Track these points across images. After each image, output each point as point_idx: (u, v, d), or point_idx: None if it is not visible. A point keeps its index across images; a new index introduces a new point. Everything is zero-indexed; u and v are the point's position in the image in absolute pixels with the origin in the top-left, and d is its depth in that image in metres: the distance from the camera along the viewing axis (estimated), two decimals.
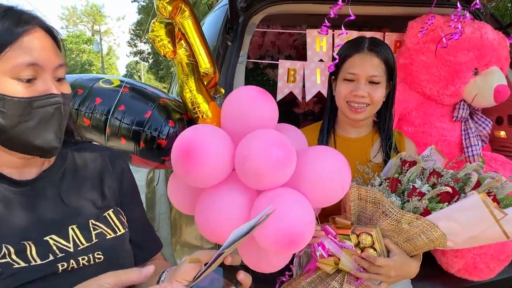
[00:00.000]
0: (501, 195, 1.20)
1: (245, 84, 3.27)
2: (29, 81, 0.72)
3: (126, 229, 0.91)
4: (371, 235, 1.16)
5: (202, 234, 1.18)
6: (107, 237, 0.85)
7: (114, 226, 0.88)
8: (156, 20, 1.20)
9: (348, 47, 1.39)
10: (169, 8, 1.26)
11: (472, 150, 1.92)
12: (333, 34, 2.09)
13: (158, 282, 0.80)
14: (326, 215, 1.34)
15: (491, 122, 2.00)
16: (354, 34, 2.12)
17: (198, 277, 0.69)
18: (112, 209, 0.89)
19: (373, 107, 1.35)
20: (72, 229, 0.80)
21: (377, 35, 2.16)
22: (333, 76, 1.43)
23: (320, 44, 2.07)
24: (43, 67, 0.73)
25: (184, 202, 1.25)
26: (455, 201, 1.14)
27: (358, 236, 1.18)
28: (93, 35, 31.97)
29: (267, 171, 1.05)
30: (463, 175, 1.24)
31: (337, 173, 1.15)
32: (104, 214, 0.87)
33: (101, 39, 29.91)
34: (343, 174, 1.17)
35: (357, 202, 1.24)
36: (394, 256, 1.16)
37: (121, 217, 0.91)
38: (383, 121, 1.44)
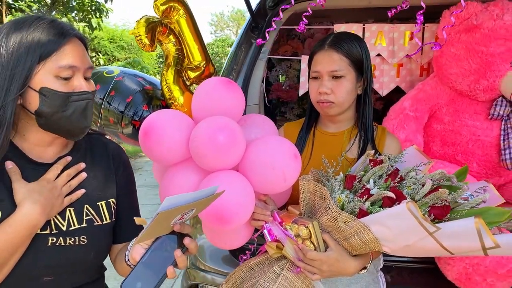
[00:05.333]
0: (463, 208, 0.97)
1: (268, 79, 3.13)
2: (66, 79, 0.81)
3: (113, 220, 0.96)
4: (307, 228, 1.06)
5: None
6: (94, 224, 0.91)
7: (103, 215, 0.93)
8: (141, 18, 1.27)
9: (314, 46, 1.27)
10: (162, 8, 1.32)
11: (509, 153, 1.53)
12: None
13: (127, 249, 0.88)
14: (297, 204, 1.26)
15: None
16: (386, 28, 1.90)
17: (143, 237, 0.76)
18: (105, 201, 0.94)
19: (339, 102, 1.20)
20: (69, 211, 0.88)
21: (415, 27, 1.87)
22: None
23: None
24: (79, 68, 0.83)
25: (159, 177, 1.32)
26: None
27: (299, 227, 1.09)
28: None
29: (209, 153, 1.05)
30: (424, 182, 1.03)
31: (279, 162, 1.07)
32: (97, 203, 0.93)
33: None
34: (285, 164, 1.08)
35: (307, 195, 1.13)
36: (329, 252, 1.04)
37: (111, 209, 0.96)
38: (359, 115, 1.27)
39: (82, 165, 0.92)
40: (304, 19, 1.61)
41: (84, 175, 0.91)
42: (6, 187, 0.80)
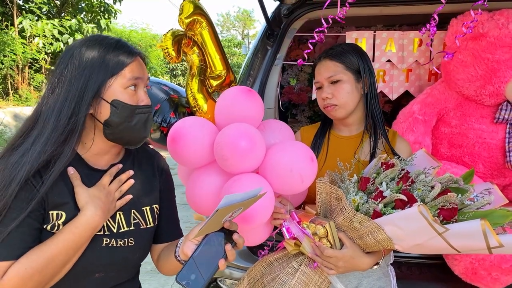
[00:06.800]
0: (470, 209, 1.05)
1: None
2: (132, 90, 0.91)
3: (155, 224, 1.04)
4: (324, 227, 1.14)
5: (189, 205, 1.32)
6: (140, 227, 0.99)
7: (147, 220, 1.01)
8: (167, 32, 1.35)
9: (314, 61, 1.38)
10: (187, 21, 1.41)
11: None
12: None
13: (177, 246, 0.95)
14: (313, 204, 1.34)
15: None
16: (396, 34, 1.96)
17: (201, 232, 0.86)
18: (149, 206, 1.02)
19: (342, 104, 1.29)
20: (119, 214, 0.95)
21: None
22: None
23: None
24: (142, 79, 0.93)
25: (184, 178, 1.40)
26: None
27: (316, 226, 1.17)
28: (243, 39, 33.63)
29: (232, 157, 1.14)
30: (433, 184, 1.10)
31: (296, 166, 1.16)
32: (142, 208, 1.00)
33: (249, 43, 31.07)
34: (302, 167, 1.17)
35: (324, 196, 1.21)
36: (344, 250, 1.12)
37: (155, 214, 1.03)
38: (368, 115, 1.34)
39: (131, 172, 1.00)
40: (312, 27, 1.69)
41: (132, 181, 0.99)
42: (69, 191, 0.88)
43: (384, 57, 1.97)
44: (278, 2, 2.01)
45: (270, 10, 2.01)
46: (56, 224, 0.85)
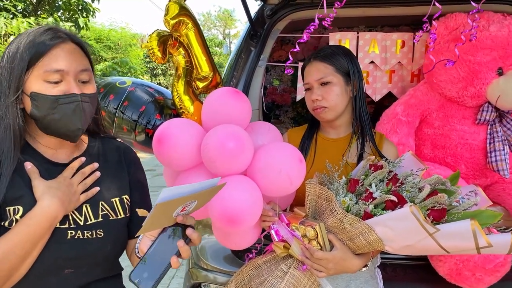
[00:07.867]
0: (457, 210, 1.05)
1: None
2: (56, 82, 0.84)
3: (127, 215, 0.99)
4: (314, 229, 1.12)
5: None
6: (109, 218, 0.94)
7: (117, 211, 0.97)
8: (153, 33, 1.31)
9: (304, 63, 1.37)
10: (172, 22, 1.36)
11: (495, 155, 1.62)
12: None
13: (137, 242, 0.91)
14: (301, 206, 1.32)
15: None
16: (379, 36, 1.97)
17: (144, 229, 0.79)
18: (118, 197, 0.98)
19: (331, 106, 1.28)
20: (86, 207, 0.91)
21: (406, 35, 1.96)
22: None
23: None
24: (67, 72, 0.85)
25: (170, 182, 1.36)
26: None
27: (306, 228, 1.15)
28: (224, 39, 33.47)
29: (220, 159, 1.10)
30: (421, 186, 1.10)
31: (285, 167, 1.13)
32: (111, 199, 0.96)
33: (230, 42, 30.99)
34: (291, 168, 1.14)
35: (313, 197, 1.19)
36: (335, 252, 1.10)
37: (125, 205, 0.99)
38: (355, 117, 1.34)
39: (96, 165, 0.96)
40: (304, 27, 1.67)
41: (98, 174, 0.96)
42: (26, 185, 0.85)
43: (367, 59, 1.98)
44: (261, 3, 1.99)
45: (253, 11, 1.99)
46: (14, 219, 0.82)
